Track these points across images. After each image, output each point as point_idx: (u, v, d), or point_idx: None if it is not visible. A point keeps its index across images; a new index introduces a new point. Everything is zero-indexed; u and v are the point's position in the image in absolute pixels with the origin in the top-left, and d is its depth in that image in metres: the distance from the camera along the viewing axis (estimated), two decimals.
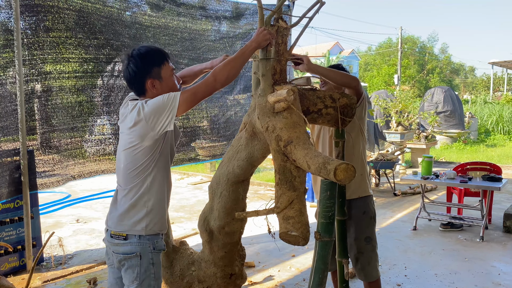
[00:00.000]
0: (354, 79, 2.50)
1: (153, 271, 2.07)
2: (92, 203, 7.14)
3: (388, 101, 10.41)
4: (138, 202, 2.06)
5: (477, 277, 3.96)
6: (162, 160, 2.08)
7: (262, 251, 4.68)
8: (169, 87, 2.09)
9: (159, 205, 2.10)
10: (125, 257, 2.05)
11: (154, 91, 2.06)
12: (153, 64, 2.06)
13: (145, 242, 2.06)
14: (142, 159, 2.03)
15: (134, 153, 2.03)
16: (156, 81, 2.06)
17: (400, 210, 6.36)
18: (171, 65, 2.13)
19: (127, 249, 2.05)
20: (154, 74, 2.06)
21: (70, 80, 4.27)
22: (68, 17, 4.14)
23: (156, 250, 2.09)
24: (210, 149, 5.82)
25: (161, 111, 1.94)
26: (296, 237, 1.78)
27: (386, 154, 7.96)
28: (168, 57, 2.12)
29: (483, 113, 18.77)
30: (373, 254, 2.81)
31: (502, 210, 5.63)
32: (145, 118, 1.96)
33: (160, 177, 2.08)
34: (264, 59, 2.15)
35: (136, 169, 2.04)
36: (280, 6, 2.14)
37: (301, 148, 1.84)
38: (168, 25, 5.08)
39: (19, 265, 4.08)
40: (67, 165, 4.30)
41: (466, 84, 46.70)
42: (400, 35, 32.69)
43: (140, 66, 2.04)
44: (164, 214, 2.15)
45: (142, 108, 1.98)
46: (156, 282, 2.09)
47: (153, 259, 2.07)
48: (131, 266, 2.05)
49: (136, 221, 2.05)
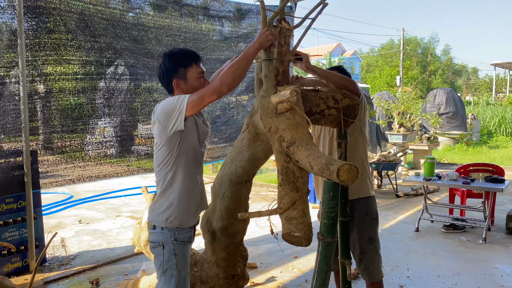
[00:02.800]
0: (351, 81, 2.49)
1: (175, 261, 2.18)
2: (95, 204, 7.15)
3: (390, 102, 10.39)
4: (161, 196, 2.22)
5: (480, 279, 3.94)
6: (182, 158, 2.18)
7: (265, 252, 4.68)
8: (193, 89, 2.16)
9: (181, 201, 2.20)
10: (153, 245, 2.23)
11: (179, 90, 2.18)
12: (180, 64, 2.16)
13: (166, 233, 2.19)
14: (162, 156, 2.17)
15: (156, 150, 2.20)
16: (181, 81, 2.17)
17: (403, 211, 6.35)
18: (201, 68, 2.21)
19: (154, 238, 2.23)
20: (180, 75, 2.17)
21: (70, 82, 4.28)
22: (69, 19, 4.15)
23: (179, 241, 2.20)
24: (212, 150, 5.83)
25: (170, 113, 2.06)
26: (299, 238, 1.78)
27: (388, 156, 7.95)
28: (198, 60, 2.20)
29: (486, 115, 18.73)
30: (376, 254, 2.81)
31: (505, 212, 5.61)
32: (158, 119, 2.11)
33: (182, 174, 2.19)
34: (267, 60, 2.15)
35: (159, 165, 2.20)
36: (282, 7, 2.14)
37: (303, 149, 1.84)
38: (171, 25, 5.09)
39: (22, 265, 4.08)
40: (66, 167, 4.30)
41: (469, 86, 46.61)
42: (402, 37, 32.67)
43: (168, 66, 2.17)
44: (187, 209, 2.23)
45: (155, 110, 2.13)
46: (178, 273, 2.18)
47: (175, 249, 2.18)
48: (157, 254, 2.22)
49: (159, 213, 2.20)
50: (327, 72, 2.47)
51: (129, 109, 4.81)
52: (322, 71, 2.46)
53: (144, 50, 4.86)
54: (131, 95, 4.83)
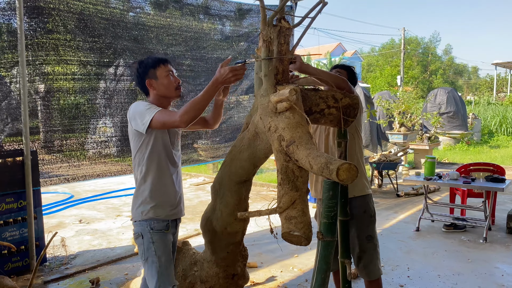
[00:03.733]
0: (343, 80, 2.49)
1: (153, 248, 2.36)
2: (95, 204, 7.15)
3: (391, 102, 10.39)
4: (137, 191, 2.45)
5: (481, 278, 3.94)
6: (154, 157, 2.39)
7: (265, 251, 4.68)
8: (164, 85, 2.43)
9: (153, 198, 2.40)
10: (135, 236, 2.43)
11: (153, 89, 2.44)
12: (150, 66, 2.42)
13: (144, 223, 2.40)
14: (134, 152, 2.42)
15: (132, 147, 2.45)
16: (153, 81, 2.42)
17: (403, 211, 6.34)
18: (169, 67, 2.46)
19: (135, 230, 2.45)
20: (150, 75, 2.42)
21: (68, 82, 4.28)
22: (69, 20, 4.15)
23: (155, 230, 2.39)
24: (212, 150, 5.83)
25: (138, 116, 2.31)
26: (299, 237, 1.77)
27: (389, 155, 7.94)
28: (165, 61, 2.46)
29: (487, 114, 18.71)
30: (375, 252, 2.82)
31: (506, 211, 5.60)
32: (129, 118, 2.39)
33: (155, 172, 2.40)
34: (267, 59, 2.14)
35: (134, 161, 2.45)
36: (282, 6, 2.13)
37: (303, 148, 1.83)
38: (172, 25, 5.09)
39: (22, 265, 4.08)
40: (66, 165, 4.31)
41: (470, 85, 46.57)
42: (403, 36, 32.64)
43: (140, 70, 2.44)
44: (161, 205, 2.42)
45: (130, 111, 2.38)
46: (158, 259, 2.35)
47: (152, 238, 2.37)
48: (139, 244, 2.42)
49: (136, 208, 2.43)
50: (320, 71, 2.48)
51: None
52: (315, 70, 2.45)
53: (145, 49, 4.86)
54: (132, 95, 4.83)
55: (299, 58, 2.38)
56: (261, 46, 2.18)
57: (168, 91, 2.44)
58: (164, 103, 2.46)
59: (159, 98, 2.44)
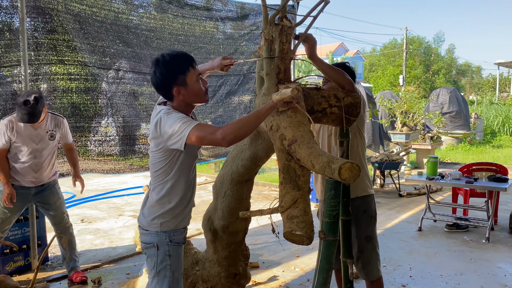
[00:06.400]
0: (349, 82, 2.37)
1: (169, 262, 2.19)
2: (97, 203, 7.16)
3: (393, 101, 10.37)
4: (158, 202, 2.19)
5: (483, 278, 3.93)
6: (184, 169, 2.18)
7: (266, 251, 4.68)
8: (195, 93, 2.14)
9: (177, 208, 2.21)
10: (146, 246, 2.22)
11: (181, 97, 2.12)
12: (178, 71, 2.09)
13: (162, 234, 2.19)
14: (160, 165, 2.16)
15: (154, 157, 2.17)
16: (182, 88, 2.10)
17: (405, 211, 6.32)
18: (197, 69, 2.16)
19: (148, 239, 2.21)
20: (180, 82, 2.09)
21: (64, 81, 4.29)
22: (68, 20, 4.15)
23: (174, 243, 2.21)
24: (214, 149, 5.82)
25: (171, 135, 2.01)
26: (300, 237, 1.77)
27: (391, 155, 7.92)
28: (193, 62, 2.14)
29: (489, 114, 18.67)
30: (373, 253, 2.80)
31: (508, 211, 5.59)
32: (161, 135, 2.06)
33: (184, 184, 2.20)
34: (268, 58, 2.14)
35: (157, 171, 2.18)
36: (284, 5, 2.13)
37: (305, 147, 1.83)
38: (173, 25, 5.09)
39: (24, 264, 4.09)
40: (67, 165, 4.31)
41: (472, 85, 46.45)
42: (405, 36, 32.59)
43: (165, 74, 2.08)
44: (181, 214, 2.24)
45: (160, 124, 2.06)
46: (172, 274, 2.19)
47: (169, 251, 2.19)
48: (150, 255, 2.21)
49: (153, 218, 2.19)
50: (328, 67, 2.40)
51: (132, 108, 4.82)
52: (323, 65, 2.39)
53: (147, 49, 4.86)
54: (134, 95, 4.84)
55: (314, 43, 2.28)
56: (262, 45, 2.18)
57: (199, 98, 2.17)
58: (190, 109, 2.22)
59: (186, 105, 2.17)
